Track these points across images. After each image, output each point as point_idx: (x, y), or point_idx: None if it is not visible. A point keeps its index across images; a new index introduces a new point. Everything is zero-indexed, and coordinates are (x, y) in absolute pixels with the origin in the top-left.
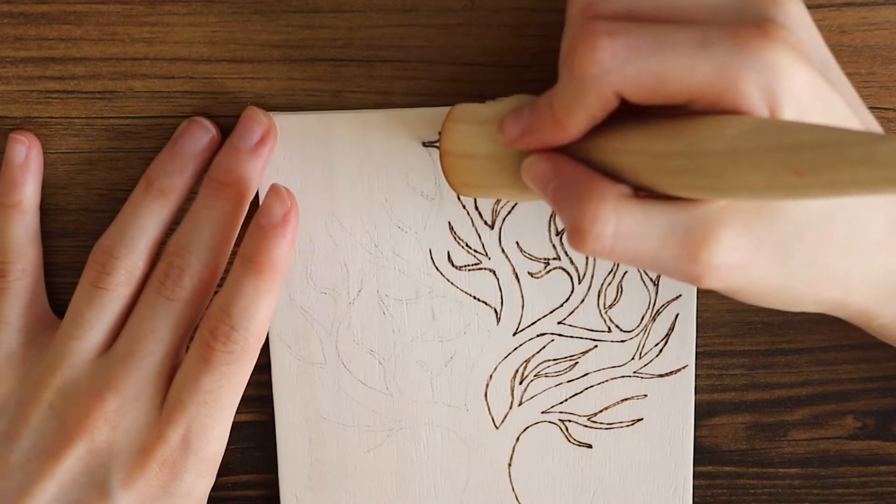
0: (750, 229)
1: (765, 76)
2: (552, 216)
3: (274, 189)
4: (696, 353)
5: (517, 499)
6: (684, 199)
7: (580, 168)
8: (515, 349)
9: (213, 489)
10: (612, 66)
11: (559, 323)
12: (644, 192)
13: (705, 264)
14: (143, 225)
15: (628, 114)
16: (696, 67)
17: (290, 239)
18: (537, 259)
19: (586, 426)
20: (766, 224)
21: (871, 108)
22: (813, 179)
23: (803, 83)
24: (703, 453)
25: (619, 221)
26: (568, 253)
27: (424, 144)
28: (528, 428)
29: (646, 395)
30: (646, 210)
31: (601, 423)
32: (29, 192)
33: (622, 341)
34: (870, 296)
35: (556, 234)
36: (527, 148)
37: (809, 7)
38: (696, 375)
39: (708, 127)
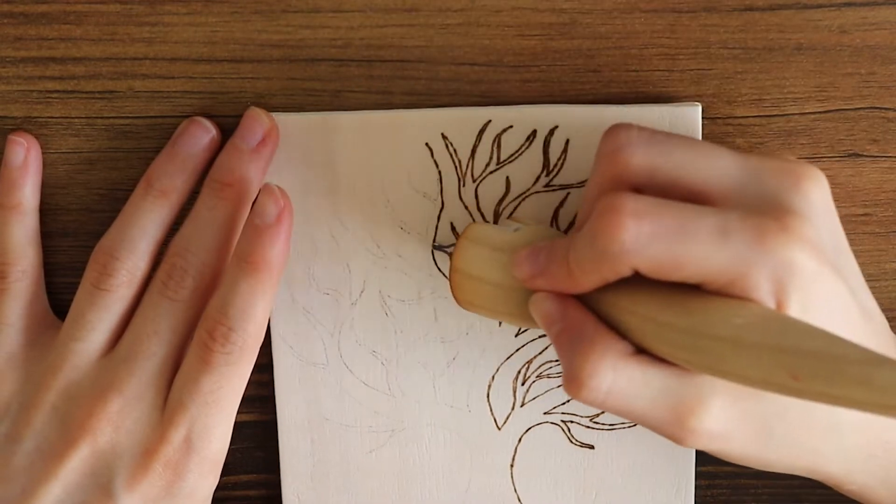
0: (737, 404)
1: (777, 272)
2: (554, 216)
3: (267, 188)
4: None
5: (519, 499)
6: (679, 367)
7: (587, 318)
8: (517, 350)
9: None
10: (632, 248)
11: None
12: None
13: (690, 430)
14: (144, 226)
15: (640, 276)
16: (713, 257)
17: (284, 238)
18: None
19: (588, 427)
20: (752, 401)
21: (871, 108)
22: (808, 386)
23: (812, 276)
24: (703, 453)
25: (615, 380)
26: None
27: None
28: (530, 429)
29: None
30: (643, 372)
31: (603, 423)
32: (28, 193)
33: None
34: (840, 468)
35: None
36: (538, 289)
37: (809, 7)
38: None
39: (716, 310)
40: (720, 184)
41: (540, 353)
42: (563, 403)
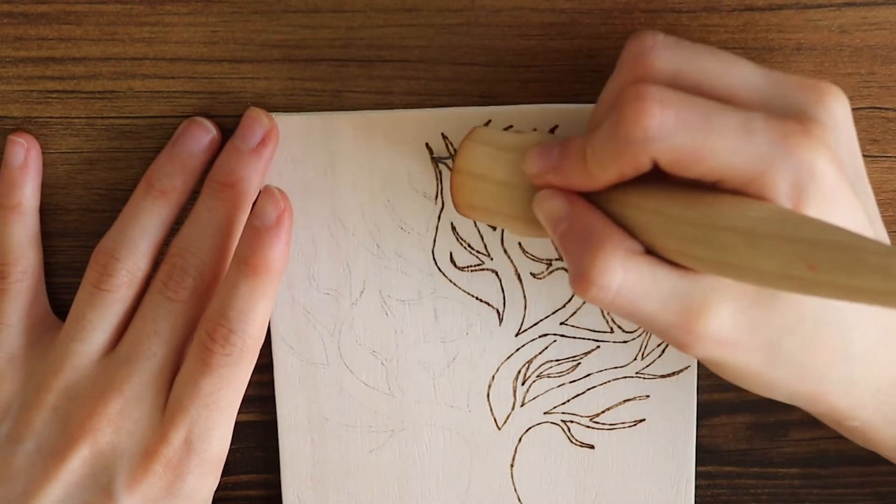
0: (746, 312)
1: (797, 173)
2: None
3: (267, 190)
4: None
5: (519, 499)
6: (688, 269)
7: (595, 214)
8: (518, 350)
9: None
10: (657, 135)
11: (561, 324)
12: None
13: (697, 334)
14: (145, 226)
15: (653, 175)
16: (735, 152)
17: (284, 240)
18: (539, 260)
19: (588, 427)
20: (763, 311)
21: (871, 108)
22: (825, 277)
23: (831, 186)
24: (703, 453)
25: (626, 278)
26: None
27: (434, 158)
28: (530, 429)
29: (648, 396)
30: (653, 271)
31: (603, 423)
32: (28, 193)
33: (624, 342)
34: (844, 399)
35: None
36: (548, 186)
37: (809, 7)
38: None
39: (731, 204)
40: (745, 91)
41: (540, 353)
42: (564, 403)
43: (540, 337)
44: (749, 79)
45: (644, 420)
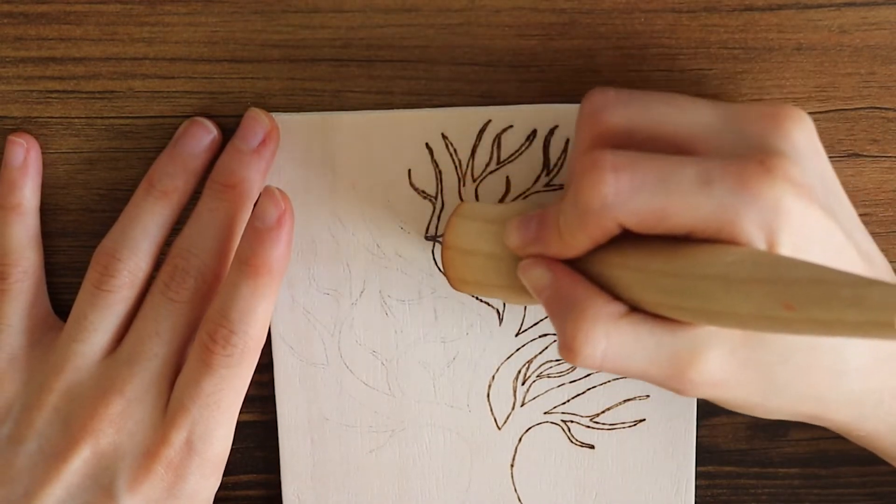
0: (736, 353)
1: (765, 215)
2: None
3: (268, 191)
4: None
5: (519, 499)
6: (673, 321)
7: (577, 281)
8: (518, 350)
9: None
10: (615, 202)
11: None
12: (636, 310)
13: (690, 382)
14: (146, 226)
15: (629, 234)
16: (698, 206)
17: (285, 241)
18: None
19: (589, 427)
20: (752, 348)
21: (871, 108)
22: (803, 315)
23: (802, 219)
24: (703, 453)
25: (609, 344)
26: None
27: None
28: (530, 429)
29: (648, 396)
30: (636, 332)
31: (603, 423)
32: (28, 193)
33: None
34: (846, 414)
35: None
36: (530, 256)
37: (809, 7)
38: None
39: (705, 252)
40: (701, 133)
41: (540, 353)
42: (564, 403)
43: (540, 337)
44: (704, 120)
45: (644, 420)
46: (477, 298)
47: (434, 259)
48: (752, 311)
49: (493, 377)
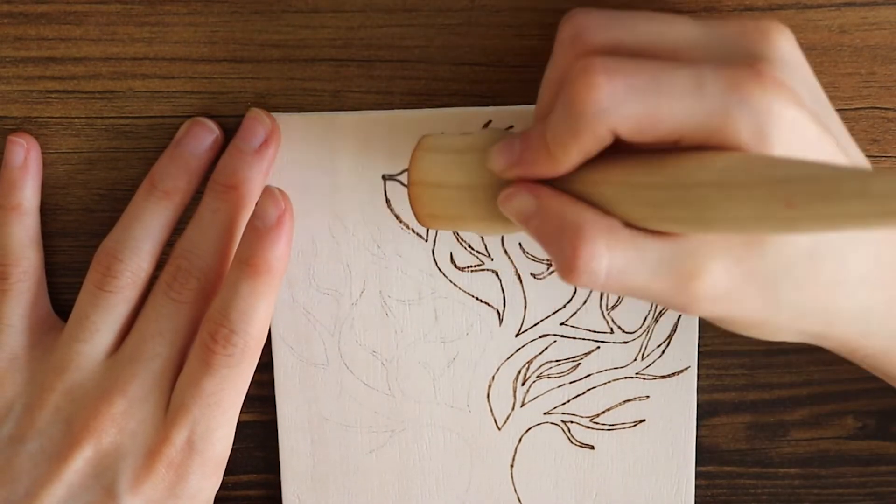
0: (738, 263)
1: (757, 118)
2: None
3: (268, 191)
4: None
5: (519, 500)
6: (671, 233)
7: (565, 200)
8: (518, 350)
9: None
10: (609, 106)
11: (561, 324)
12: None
13: (694, 296)
14: (148, 227)
15: (615, 148)
16: (691, 109)
17: (285, 241)
18: (540, 260)
19: (589, 427)
20: (754, 258)
21: (871, 108)
22: (805, 212)
23: (794, 124)
24: (703, 453)
25: (612, 258)
26: None
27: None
28: (530, 429)
29: (648, 397)
30: (636, 245)
31: (603, 424)
32: (28, 194)
33: (624, 342)
34: (852, 329)
35: None
36: (515, 178)
37: (809, 7)
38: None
39: (696, 160)
40: (687, 47)
41: (540, 353)
42: (564, 404)
43: (540, 337)
44: (690, 34)
45: (644, 420)
46: (477, 299)
47: (434, 259)
48: (751, 213)
49: (493, 377)
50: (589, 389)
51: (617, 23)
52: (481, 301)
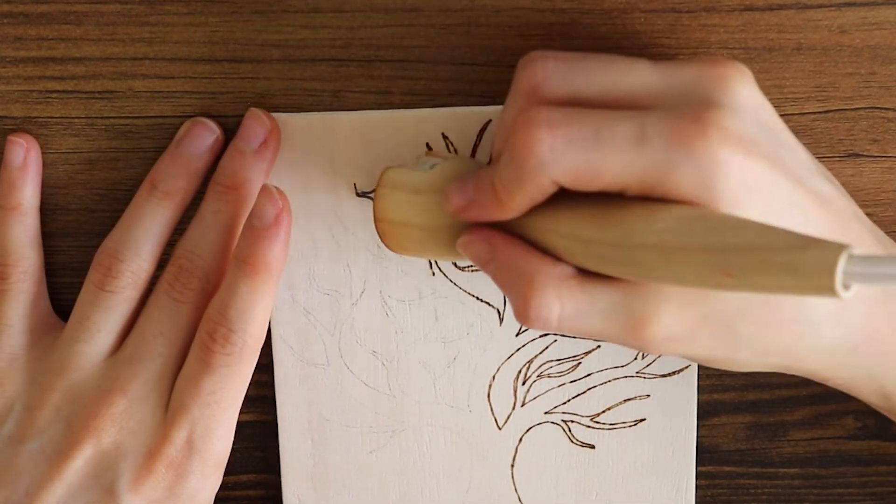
0: (692, 306)
1: (700, 172)
2: None
3: (265, 190)
4: None
5: (520, 499)
6: (622, 280)
7: (518, 248)
8: (518, 350)
9: None
10: (549, 159)
11: None
12: (583, 272)
13: (648, 340)
14: (148, 227)
15: (563, 193)
16: (632, 163)
17: (283, 239)
18: None
19: (589, 427)
20: (708, 303)
21: (871, 108)
22: (742, 281)
23: (741, 172)
24: (703, 453)
25: (563, 306)
26: None
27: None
28: (530, 428)
29: (648, 396)
30: (587, 292)
31: (604, 423)
32: (28, 194)
33: None
34: (819, 363)
35: None
36: (470, 220)
37: (809, 7)
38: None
39: (638, 217)
40: (642, 94)
41: (541, 353)
42: (564, 403)
43: (540, 337)
44: (646, 80)
45: (644, 420)
46: (477, 298)
47: (434, 260)
48: (692, 277)
49: (494, 377)
50: (589, 389)
51: (573, 72)
52: (481, 301)
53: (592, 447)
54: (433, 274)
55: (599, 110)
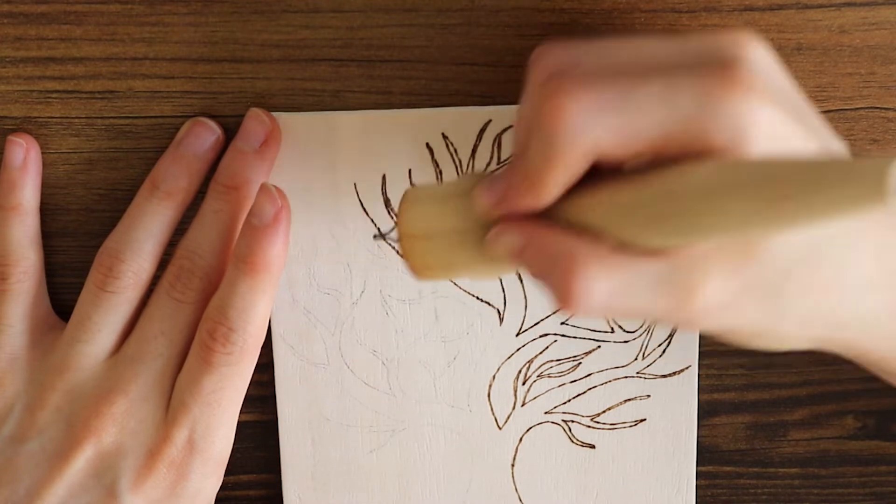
0: (737, 273)
1: (732, 122)
2: None
3: (264, 189)
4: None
5: (520, 499)
6: (665, 250)
7: (553, 231)
8: (518, 349)
9: None
10: (578, 128)
11: (562, 323)
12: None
13: (695, 310)
14: (149, 227)
15: (596, 173)
16: (664, 121)
17: (282, 238)
18: None
19: (589, 427)
20: (753, 266)
21: (871, 108)
22: (800, 203)
23: (770, 125)
24: (703, 453)
25: (610, 287)
26: None
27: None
28: (531, 428)
29: (649, 396)
30: (631, 267)
31: (604, 423)
32: (28, 194)
33: (625, 342)
34: (860, 333)
35: None
36: (504, 217)
37: (809, 7)
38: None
39: (678, 172)
40: (660, 61)
41: (541, 353)
42: (565, 403)
43: (541, 336)
44: (663, 50)
45: (645, 420)
46: (478, 298)
47: None
48: (743, 215)
49: (494, 377)
50: (590, 389)
51: (588, 54)
52: (482, 300)
53: (593, 447)
54: None
55: (624, 73)
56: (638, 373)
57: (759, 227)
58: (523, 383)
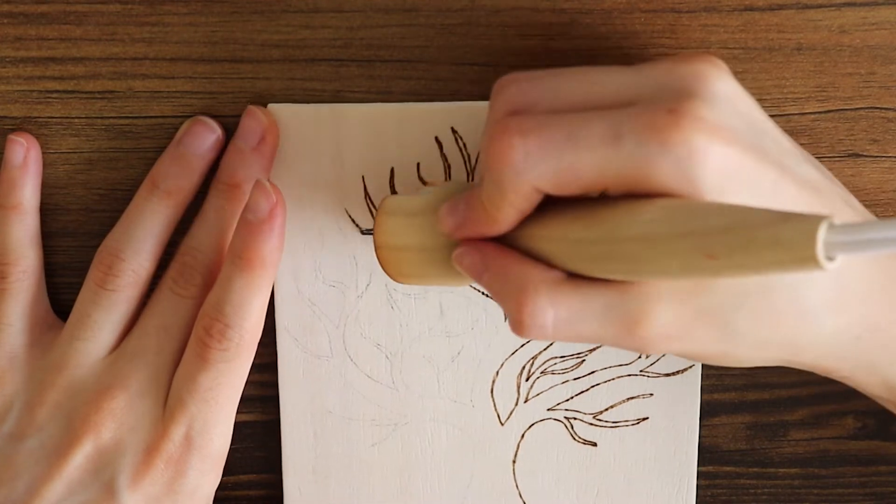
0: (687, 303)
1: (678, 163)
2: None
3: (259, 184)
4: None
5: (521, 496)
6: (613, 281)
7: (510, 257)
8: (522, 346)
9: None
10: (524, 166)
11: None
12: (575, 276)
13: (646, 338)
14: (149, 226)
15: (553, 200)
16: (609, 161)
17: (278, 234)
18: None
19: (592, 424)
20: (701, 297)
21: (871, 108)
22: (727, 262)
23: (721, 162)
24: (703, 453)
25: (557, 311)
26: None
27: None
28: (533, 425)
29: (652, 395)
30: (581, 295)
31: (606, 421)
32: (28, 193)
33: None
34: (821, 355)
35: None
36: (465, 238)
37: (809, 7)
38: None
39: (623, 212)
40: (618, 96)
41: (545, 350)
42: (567, 400)
43: None
44: (620, 83)
45: (647, 418)
46: (483, 293)
47: None
48: (678, 265)
49: (497, 373)
50: (593, 386)
51: (547, 88)
52: (487, 296)
53: (594, 445)
54: None
55: (572, 113)
56: (641, 371)
57: (697, 277)
58: (526, 379)
